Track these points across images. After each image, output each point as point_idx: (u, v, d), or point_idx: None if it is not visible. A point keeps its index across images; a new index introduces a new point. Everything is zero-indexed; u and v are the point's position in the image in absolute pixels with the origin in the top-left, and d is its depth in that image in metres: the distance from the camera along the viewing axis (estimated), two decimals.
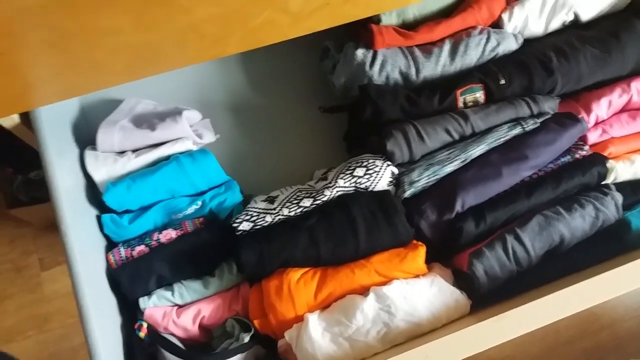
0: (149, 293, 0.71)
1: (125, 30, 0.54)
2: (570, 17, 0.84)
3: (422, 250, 0.72)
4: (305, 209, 0.73)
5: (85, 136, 0.79)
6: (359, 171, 0.75)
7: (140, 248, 0.72)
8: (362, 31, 0.82)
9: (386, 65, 0.80)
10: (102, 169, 0.74)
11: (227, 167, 0.86)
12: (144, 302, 0.70)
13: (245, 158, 0.90)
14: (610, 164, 0.79)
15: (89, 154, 0.74)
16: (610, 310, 1.31)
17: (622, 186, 0.78)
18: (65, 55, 0.56)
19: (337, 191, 0.74)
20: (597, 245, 0.75)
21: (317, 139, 0.93)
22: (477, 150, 0.76)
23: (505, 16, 0.83)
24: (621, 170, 0.79)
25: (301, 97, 0.94)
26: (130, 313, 0.71)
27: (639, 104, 0.82)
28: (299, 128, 0.93)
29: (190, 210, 0.75)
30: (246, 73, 0.93)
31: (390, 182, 0.77)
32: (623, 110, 0.83)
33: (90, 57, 0.57)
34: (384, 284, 0.69)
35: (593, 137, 0.81)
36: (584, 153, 0.78)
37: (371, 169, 0.76)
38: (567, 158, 0.78)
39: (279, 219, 0.73)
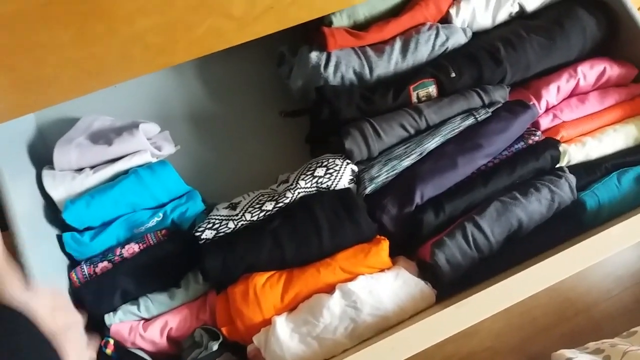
0: (114, 309, 0.70)
1: (66, 45, 0.54)
2: (516, 9, 0.87)
3: (385, 245, 0.73)
4: (268, 213, 0.74)
5: (43, 156, 0.79)
6: (320, 171, 0.76)
7: (103, 264, 0.71)
8: (315, 34, 0.84)
9: (340, 66, 0.82)
10: (60, 187, 0.73)
11: (190, 177, 0.86)
12: (109, 319, 0.69)
13: (208, 167, 0.90)
14: (562, 147, 0.81)
15: (46, 174, 0.74)
16: (584, 295, 1.33)
17: (575, 168, 0.80)
18: (11, 73, 0.56)
19: (299, 192, 0.75)
20: (556, 227, 0.77)
21: (279, 143, 0.93)
22: (433, 142, 0.78)
23: (452, 11, 0.85)
24: (573, 153, 0.81)
25: (261, 102, 0.94)
26: (97, 331, 0.70)
27: (587, 88, 0.85)
28: (261, 134, 0.93)
29: (152, 222, 0.75)
30: (204, 81, 0.94)
31: (351, 179, 0.78)
32: (572, 94, 0.85)
33: (35, 74, 0.57)
34: (350, 280, 0.70)
35: (545, 122, 0.83)
36: (536, 138, 0.80)
37: (331, 168, 0.76)
38: (521, 144, 0.80)
39: (242, 224, 0.73)
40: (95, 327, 0.70)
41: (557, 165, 0.80)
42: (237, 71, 0.94)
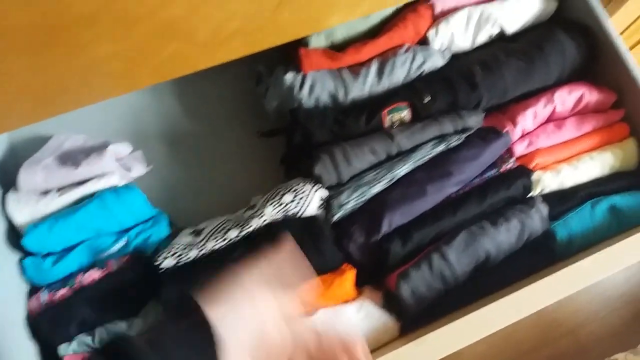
0: (70, 339, 0.69)
1: (23, 73, 0.53)
2: (496, 31, 0.85)
3: (349, 275, 0.72)
4: (232, 241, 0.73)
5: (13, 175, 0.77)
6: (287, 197, 0.75)
7: (63, 291, 0.70)
8: (292, 54, 0.82)
9: (315, 88, 0.80)
10: (25, 210, 0.72)
11: (162, 198, 0.85)
12: (63, 349, 0.68)
13: (181, 188, 0.89)
14: (536, 175, 0.80)
15: (10, 196, 0.73)
16: (571, 316, 1.32)
17: (549, 196, 0.79)
18: None
19: (265, 220, 0.74)
20: (526, 258, 0.76)
21: (255, 164, 0.92)
22: (403, 169, 0.77)
23: (431, 33, 0.83)
24: (548, 181, 0.80)
25: (239, 121, 0.93)
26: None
27: (565, 113, 0.83)
28: (237, 154, 0.92)
29: (115, 248, 0.74)
30: (181, 101, 0.92)
31: (320, 205, 0.76)
32: (549, 120, 0.84)
33: None
34: (310, 313, 0.69)
35: (520, 149, 0.81)
36: (509, 166, 0.79)
37: (299, 194, 0.75)
38: (493, 172, 0.79)
39: (204, 253, 0.72)
40: (50, 357, 0.69)
41: (530, 194, 0.79)
42: (216, 90, 0.93)
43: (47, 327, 0.67)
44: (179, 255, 0.71)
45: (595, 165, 0.82)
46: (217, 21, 0.55)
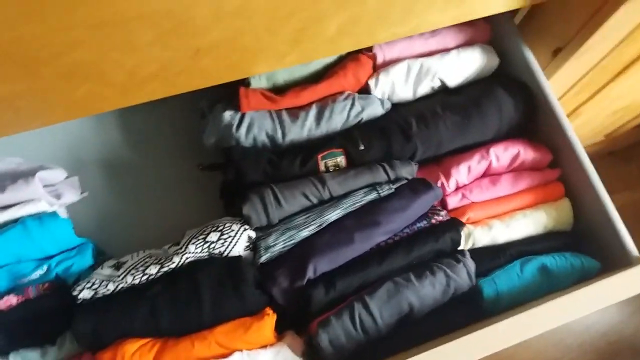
0: None
1: None
2: (437, 83, 0.86)
3: (269, 320, 0.71)
4: (151, 277, 0.72)
5: None
6: (213, 236, 0.75)
7: None
8: (234, 92, 0.83)
9: (253, 127, 0.81)
10: None
11: (96, 227, 0.85)
12: None
13: (117, 218, 0.89)
14: (467, 229, 0.80)
15: None
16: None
17: (478, 252, 0.79)
18: None
19: (187, 257, 0.73)
20: (451, 312, 0.75)
21: (196, 196, 0.92)
22: (333, 215, 0.77)
23: (371, 82, 0.84)
24: (479, 236, 0.80)
25: (182, 154, 0.93)
26: None
27: (500, 169, 0.84)
28: (178, 186, 0.92)
29: (35, 275, 0.73)
30: (123, 130, 0.93)
31: (247, 246, 0.76)
32: (485, 175, 0.84)
33: None
34: (225, 356, 0.68)
35: (453, 201, 0.82)
36: (440, 218, 0.79)
37: (226, 234, 0.75)
38: (424, 223, 0.79)
39: (122, 287, 0.71)
40: None
41: (460, 248, 0.79)
42: (160, 121, 0.93)
43: None
44: (96, 287, 0.70)
45: (528, 223, 0.82)
46: (130, 66, 0.56)
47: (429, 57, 0.85)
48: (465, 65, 0.86)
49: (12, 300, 0.71)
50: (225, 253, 0.74)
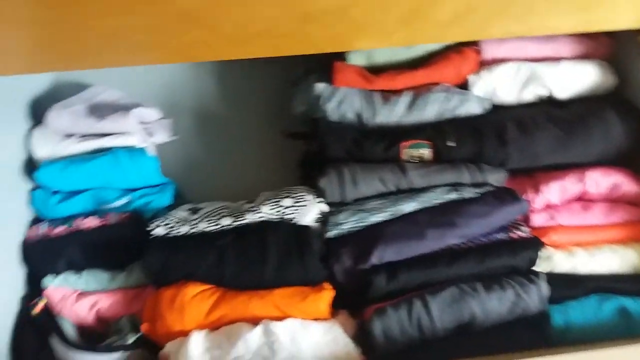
0: (57, 273, 0.73)
1: (53, 24, 0.56)
2: (544, 92, 0.81)
3: (326, 295, 0.71)
4: (223, 227, 0.74)
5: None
6: (287, 201, 0.75)
7: (61, 229, 0.75)
8: (331, 65, 0.82)
9: (342, 103, 0.80)
10: (45, 147, 0.77)
11: (179, 170, 0.89)
12: (48, 281, 0.72)
13: (200, 165, 0.92)
14: (548, 251, 0.75)
15: (37, 131, 0.78)
16: None
17: (556, 277, 0.74)
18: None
19: (260, 216, 0.74)
20: (514, 332, 0.71)
21: (274, 160, 0.93)
22: (408, 206, 0.75)
23: (473, 78, 0.80)
24: (559, 261, 0.75)
25: (268, 116, 0.95)
26: (36, 288, 0.73)
27: (595, 196, 0.78)
28: (259, 146, 0.94)
29: (118, 203, 0.77)
30: (220, 83, 0.95)
31: (317, 218, 0.76)
32: (578, 199, 0.79)
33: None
34: (279, 319, 0.69)
35: (538, 220, 0.77)
36: (520, 234, 0.75)
37: (299, 202, 0.75)
38: (502, 235, 0.75)
39: (195, 231, 0.73)
40: (35, 285, 0.73)
41: (537, 269, 0.74)
42: (256, 80, 0.95)
43: (38, 256, 0.71)
44: (171, 227, 0.73)
45: (615, 259, 0.76)
46: (240, 20, 0.57)
47: (541, 63, 0.80)
48: (578, 78, 0.80)
49: (93, 221, 0.76)
50: (295, 220, 0.75)
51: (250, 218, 0.74)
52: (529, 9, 0.61)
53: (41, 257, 0.73)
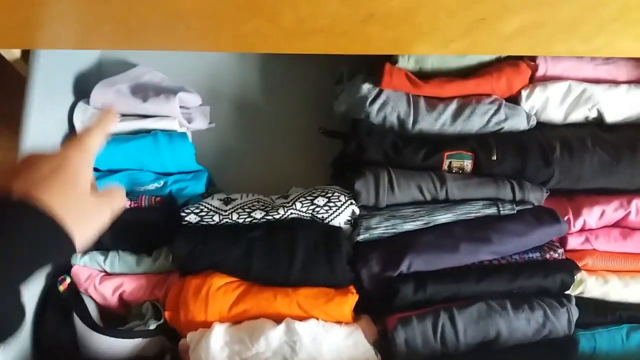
0: (84, 252, 0.73)
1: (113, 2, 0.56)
2: (594, 114, 0.79)
3: (351, 299, 0.70)
4: (255, 221, 0.73)
5: (91, 89, 0.83)
6: (320, 200, 0.74)
7: None
8: (377, 66, 0.81)
9: (386, 106, 0.79)
10: (86, 122, 0.77)
11: (213, 158, 0.88)
12: (75, 259, 0.72)
13: (234, 154, 0.91)
14: (581, 275, 0.74)
15: (80, 106, 0.78)
16: None
17: (586, 302, 0.73)
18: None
19: (292, 213, 0.74)
20: (538, 354, 0.70)
21: (308, 156, 0.92)
22: (444, 217, 0.73)
23: (524, 93, 0.79)
24: (591, 286, 0.73)
25: (307, 112, 0.94)
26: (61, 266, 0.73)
27: (636, 225, 0.76)
28: (295, 141, 0.93)
29: (152, 187, 0.77)
30: (262, 74, 0.94)
31: (349, 220, 0.75)
32: (617, 225, 0.77)
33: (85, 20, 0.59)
34: (302, 319, 0.68)
35: (574, 242, 0.76)
36: (555, 255, 0.73)
37: (333, 202, 0.74)
38: (536, 255, 0.73)
39: (226, 222, 0.73)
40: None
41: (566, 292, 0.73)
42: (298, 74, 0.94)
43: None
44: (203, 215, 0.73)
45: None
46: (304, 14, 0.55)
47: (594, 85, 0.78)
48: (631, 104, 0.78)
49: (126, 203, 0.75)
50: (327, 220, 0.74)
51: (282, 213, 0.73)
52: (599, 30, 0.59)
53: None
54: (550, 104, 0.78)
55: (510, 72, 0.77)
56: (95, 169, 0.77)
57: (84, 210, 0.41)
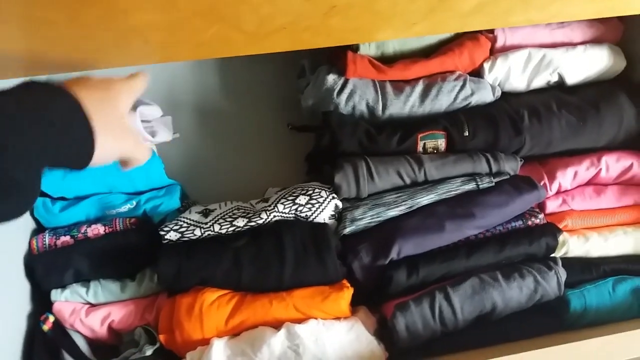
0: (64, 286, 0.70)
1: (61, 24, 0.52)
2: (555, 78, 0.81)
3: (347, 293, 0.70)
4: (238, 229, 0.72)
5: None
6: (302, 199, 0.73)
7: (65, 238, 0.71)
8: (339, 56, 0.80)
9: (354, 95, 0.78)
10: None
11: (182, 169, 0.85)
12: (55, 295, 0.69)
13: (203, 163, 0.89)
14: (563, 237, 0.75)
15: None
16: None
17: (570, 262, 0.75)
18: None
19: (275, 216, 0.72)
20: (533, 319, 0.72)
21: (279, 155, 0.91)
22: (425, 199, 0.74)
23: (486, 66, 0.79)
24: (573, 246, 0.76)
25: (272, 110, 0.92)
26: (42, 303, 0.70)
27: (607, 180, 0.79)
28: (264, 141, 0.91)
29: (124, 208, 0.74)
30: (222, 77, 0.92)
31: (333, 215, 0.74)
32: (589, 183, 0.79)
33: (28, 45, 0.56)
34: (301, 321, 0.67)
35: (552, 206, 0.77)
36: (537, 221, 0.75)
37: (314, 199, 0.73)
38: (519, 223, 0.75)
39: (209, 234, 0.71)
40: (40, 299, 0.69)
41: (551, 255, 0.75)
42: (258, 75, 0.92)
43: (43, 268, 0.68)
44: (183, 231, 0.71)
45: (628, 241, 0.77)
46: (265, 14, 0.54)
47: (553, 49, 0.79)
48: (589, 63, 0.80)
49: (99, 229, 0.72)
50: (311, 218, 0.73)
51: (265, 218, 0.72)
52: None
53: (46, 269, 0.69)
54: (512, 73, 0.79)
55: (471, 47, 0.78)
56: (62, 198, 0.74)
57: (113, 124, 0.46)
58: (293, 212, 0.73)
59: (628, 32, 0.82)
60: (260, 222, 0.72)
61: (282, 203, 0.73)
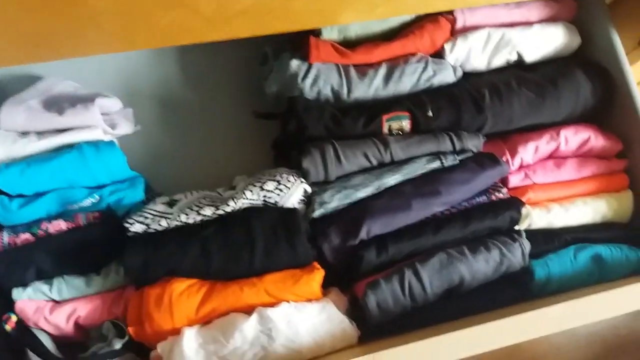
0: (25, 284, 0.67)
1: (13, 13, 0.50)
2: (514, 57, 0.83)
3: (318, 275, 0.70)
4: (205, 218, 0.71)
5: None
6: (270, 185, 0.73)
7: (26, 236, 0.68)
8: (302, 42, 0.80)
9: (319, 80, 0.78)
10: (0, 148, 0.70)
11: (144, 162, 0.83)
12: (17, 293, 0.67)
13: (166, 154, 0.87)
14: (526, 209, 0.78)
15: None
16: (531, 345, 1.28)
17: (533, 233, 0.77)
18: None
19: (243, 203, 0.72)
20: (500, 290, 0.74)
21: (245, 143, 0.90)
22: (392, 179, 0.75)
23: (447, 47, 0.80)
24: (536, 217, 0.78)
25: (236, 98, 0.91)
26: (3, 303, 0.67)
27: (567, 153, 0.81)
28: (228, 130, 0.90)
29: (87, 202, 0.72)
30: (182, 67, 0.90)
31: (302, 200, 0.74)
32: (550, 157, 0.82)
33: None
34: (273, 305, 0.67)
35: (515, 180, 0.79)
36: (500, 195, 0.77)
37: (282, 184, 0.73)
38: (483, 198, 0.76)
39: (175, 224, 0.70)
40: (1, 299, 0.67)
41: (515, 228, 0.77)
42: (220, 63, 0.90)
43: (3, 268, 0.65)
44: (149, 222, 0.69)
45: (587, 211, 0.80)
46: None
47: (511, 28, 0.81)
48: (546, 41, 0.82)
49: (61, 225, 0.70)
50: (280, 203, 0.73)
51: (232, 205, 0.71)
52: None
53: (6, 268, 0.66)
54: (472, 54, 0.81)
55: (431, 29, 0.79)
56: (21, 195, 0.71)
57: None
58: (262, 198, 0.72)
59: (582, 11, 0.84)
60: (229, 209, 0.71)
61: (250, 190, 0.72)
